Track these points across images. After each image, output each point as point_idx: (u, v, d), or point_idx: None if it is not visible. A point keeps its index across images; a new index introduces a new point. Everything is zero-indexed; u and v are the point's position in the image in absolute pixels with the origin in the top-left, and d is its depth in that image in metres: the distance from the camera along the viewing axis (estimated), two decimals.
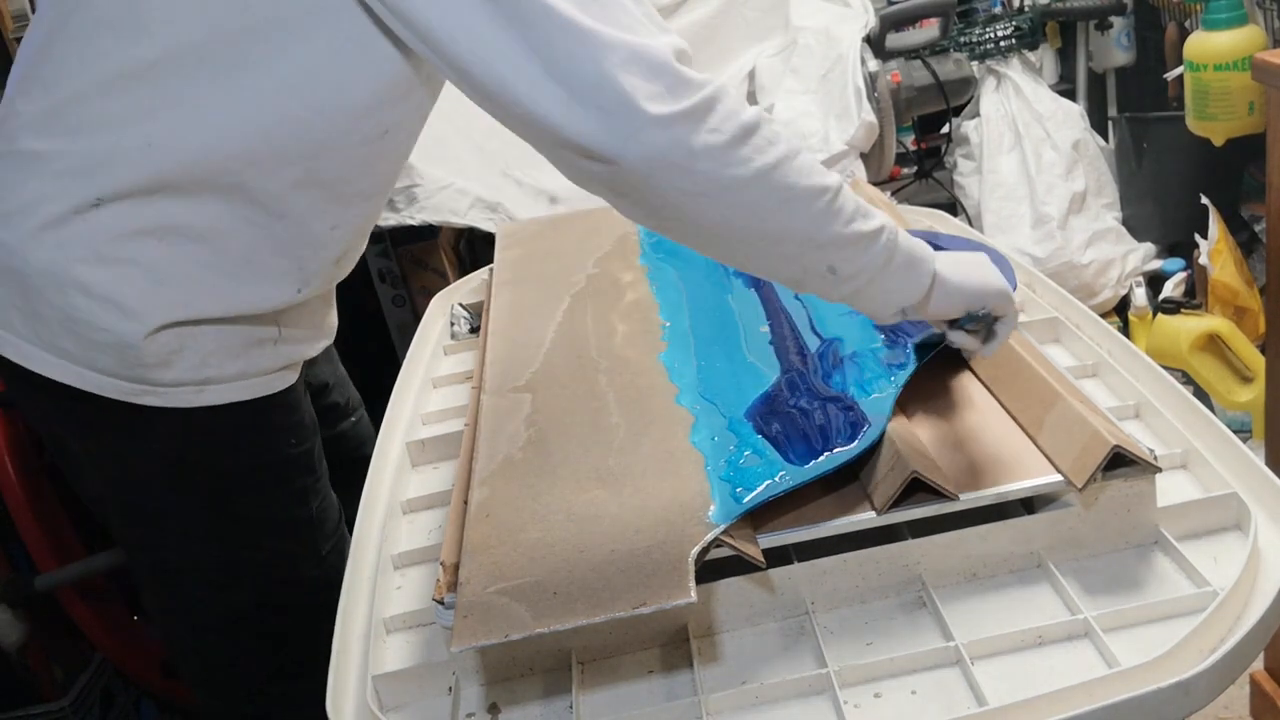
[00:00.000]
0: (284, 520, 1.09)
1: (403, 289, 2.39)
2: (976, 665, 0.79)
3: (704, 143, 0.78)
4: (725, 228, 0.82)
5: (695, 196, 0.80)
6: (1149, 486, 0.87)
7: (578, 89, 0.77)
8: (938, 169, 2.44)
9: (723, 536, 0.81)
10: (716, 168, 0.79)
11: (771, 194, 0.80)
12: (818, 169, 0.83)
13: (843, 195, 0.83)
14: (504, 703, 0.83)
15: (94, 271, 0.93)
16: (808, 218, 0.82)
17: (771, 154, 0.80)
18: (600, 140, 0.77)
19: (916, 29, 2.21)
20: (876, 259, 0.85)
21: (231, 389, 1.01)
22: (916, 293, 0.88)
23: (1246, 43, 1.87)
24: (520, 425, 1.02)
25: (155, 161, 0.91)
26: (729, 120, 0.79)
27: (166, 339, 0.96)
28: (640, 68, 0.77)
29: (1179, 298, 2.10)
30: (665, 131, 0.77)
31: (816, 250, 0.84)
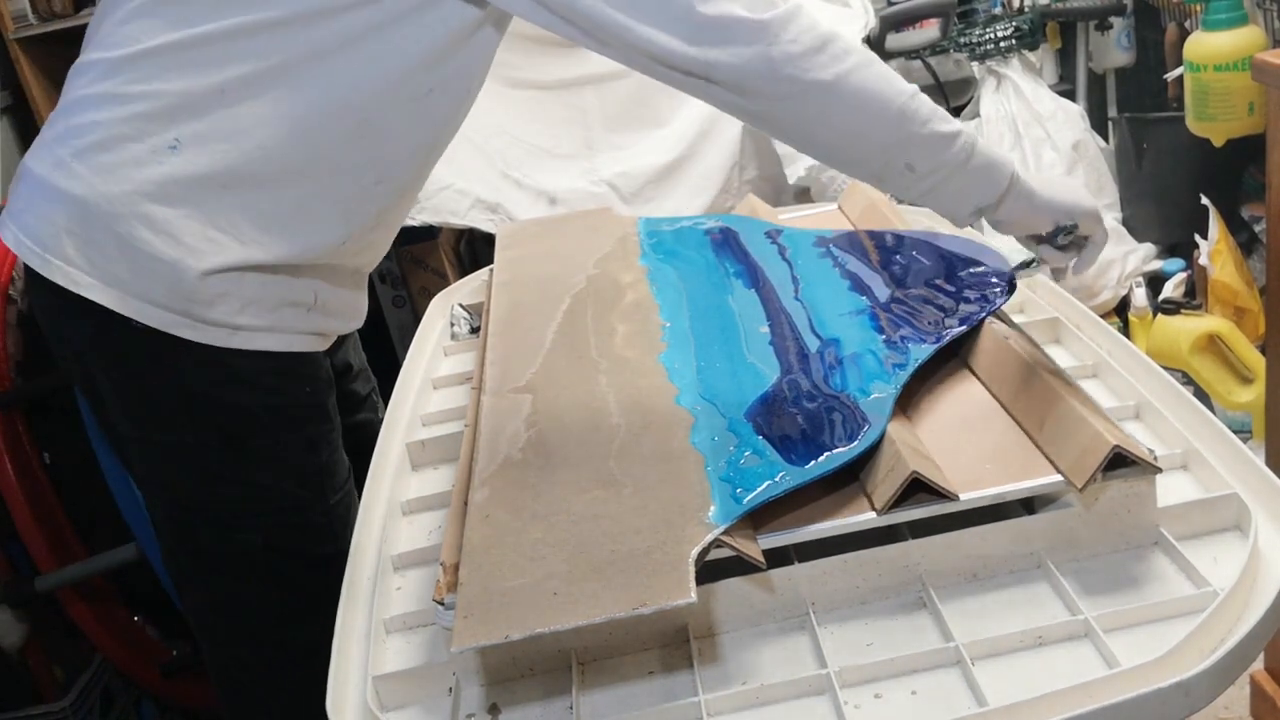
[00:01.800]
0: (294, 464, 1.13)
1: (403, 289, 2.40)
2: (977, 665, 0.79)
3: (784, 52, 0.88)
4: (812, 127, 0.93)
5: (781, 100, 0.91)
6: (1149, 487, 0.87)
7: (668, 13, 0.89)
8: None
9: (723, 537, 0.81)
10: (799, 72, 0.89)
11: (850, 97, 0.91)
12: (894, 77, 0.92)
13: (919, 100, 0.93)
14: (504, 703, 0.83)
15: (163, 210, 0.99)
16: (886, 118, 0.92)
17: (848, 61, 0.90)
18: (693, 56, 0.89)
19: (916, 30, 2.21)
20: (953, 158, 0.94)
21: (261, 337, 1.06)
22: (992, 193, 0.96)
23: (1246, 43, 1.87)
24: (520, 426, 1.02)
25: (228, 108, 0.98)
26: (807, 32, 0.89)
27: (217, 282, 1.01)
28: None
29: (1179, 298, 2.10)
30: (749, 44, 0.88)
31: (896, 148, 0.93)
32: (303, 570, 1.14)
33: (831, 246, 1.32)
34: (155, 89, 0.99)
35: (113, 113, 1.00)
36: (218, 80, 0.98)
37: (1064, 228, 1.00)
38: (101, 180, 1.00)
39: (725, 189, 2.14)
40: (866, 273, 1.22)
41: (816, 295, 1.20)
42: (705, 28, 0.89)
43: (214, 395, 1.07)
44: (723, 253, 1.36)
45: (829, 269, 1.26)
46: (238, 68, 0.98)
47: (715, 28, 0.89)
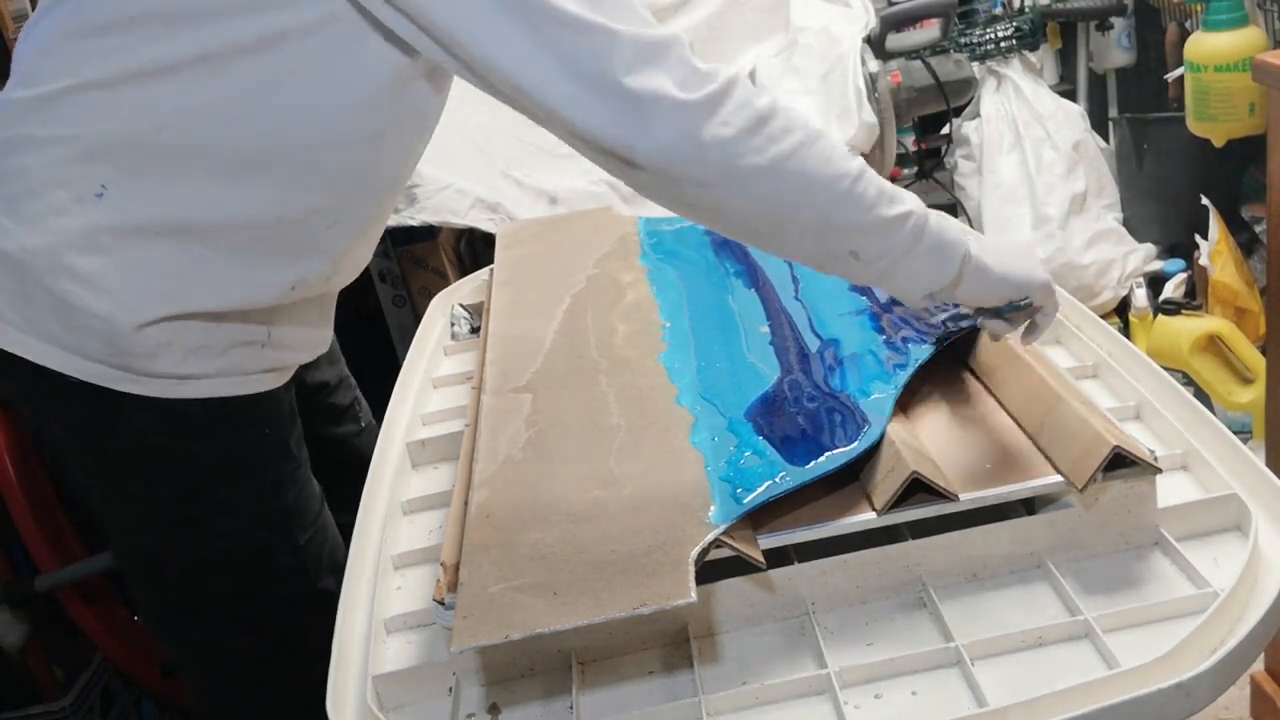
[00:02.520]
0: (257, 510, 1.09)
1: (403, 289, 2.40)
2: (977, 666, 0.79)
3: (714, 135, 0.79)
4: (744, 215, 0.84)
5: (710, 187, 0.82)
6: (1149, 487, 0.87)
7: (588, 84, 0.79)
8: (938, 170, 2.44)
9: (723, 537, 0.81)
10: (728, 159, 0.80)
11: (787, 182, 0.82)
12: (838, 154, 0.83)
13: (864, 180, 0.84)
14: (504, 703, 0.83)
15: (90, 260, 0.94)
16: (827, 204, 0.83)
17: (786, 143, 0.81)
18: (613, 135, 0.80)
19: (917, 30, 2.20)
20: (900, 243, 0.85)
21: (211, 384, 1.02)
22: (944, 278, 0.89)
23: (1247, 44, 1.87)
24: (520, 426, 1.02)
25: (161, 151, 0.92)
26: (741, 111, 0.80)
27: (155, 333, 0.96)
28: (649, 62, 0.78)
29: (1179, 299, 2.10)
30: (674, 126, 0.79)
31: (838, 235, 0.85)
32: (276, 612, 1.11)
33: None
34: (76, 131, 0.92)
35: (34, 158, 0.93)
36: (147, 121, 0.91)
37: (1014, 303, 0.93)
38: (26, 232, 0.94)
39: None
40: None
41: (816, 295, 1.20)
42: (627, 103, 0.79)
43: (167, 447, 1.03)
44: (723, 253, 1.36)
45: None
46: (169, 105, 0.91)
47: (638, 104, 0.79)
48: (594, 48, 0.78)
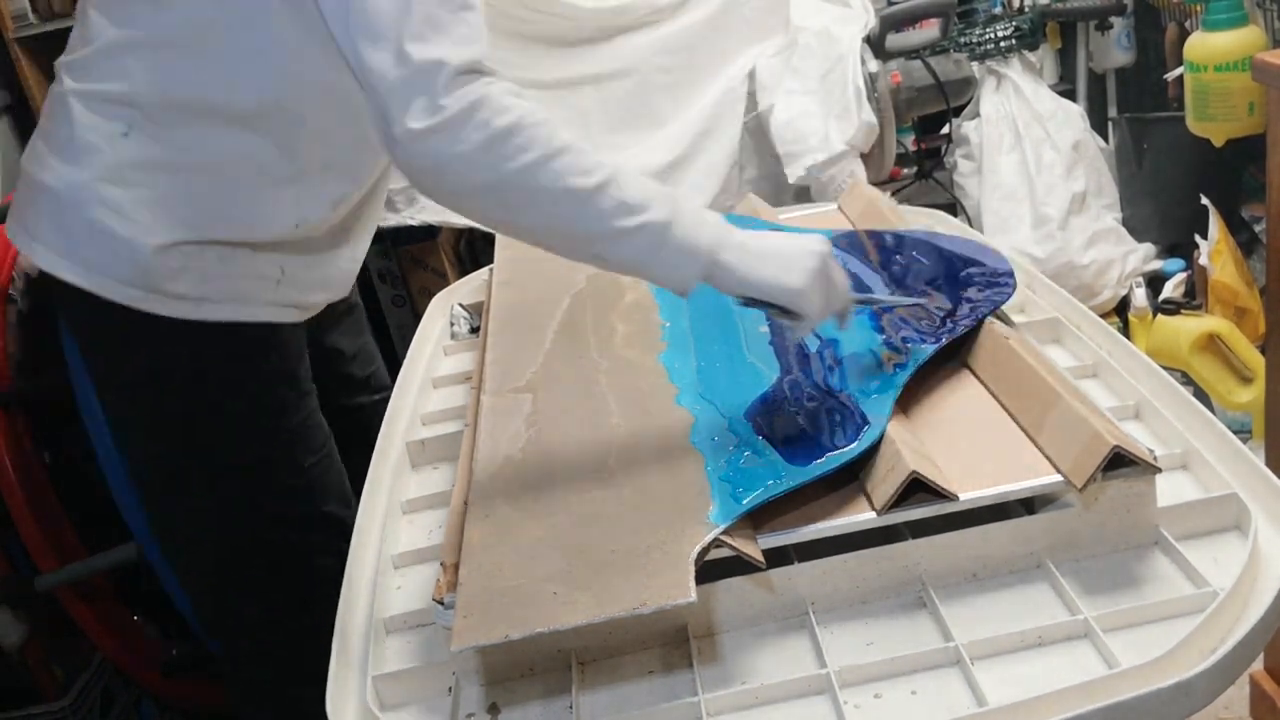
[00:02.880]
0: (260, 427, 1.19)
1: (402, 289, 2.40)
2: (977, 665, 0.79)
3: (450, 153, 0.90)
4: (493, 221, 0.97)
5: (456, 196, 0.94)
6: (1149, 487, 0.87)
7: (370, 92, 0.93)
8: (938, 169, 2.44)
9: (723, 537, 0.81)
10: (465, 172, 0.90)
11: (523, 194, 0.90)
12: (581, 168, 0.90)
13: (603, 194, 0.90)
14: (504, 703, 0.83)
15: (117, 191, 1.07)
16: (561, 216, 0.92)
17: (522, 159, 0.89)
18: (382, 140, 0.93)
19: (916, 29, 2.20)
20: (640, 251, 0.92)
21: (227, 309, 1.13)
22: (690, 279, 0.94)
23: (1246, 43, 1.87)
24: (520, 426, 1.02)
25: (170, 102, 1.06)
26: (478, 131, 0.89)
27: (173, 255, 1.08)
28: (409, 82, 0.90)
29: (1179, 298, 2.10)
30: (418, 143, 0.90)
31: (579, 241, 0.94)
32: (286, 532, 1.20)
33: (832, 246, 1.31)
34: (104, 85, 1.08)
35: (76, 107, 1.09)
36: (154, 79, 1.06)
37: (759, 301, 0.95)
38: (68, 169, 1.09)
39: (725, 189, 2.14)
40: (866, 273, 1.22)
41: None
42: (390, 115, 0.91)
43: (182, 363, 1.14)
44: None
45: None
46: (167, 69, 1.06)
47: (394, 118, 0.91)
48: (377, 60, 0.91)
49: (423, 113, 0.89)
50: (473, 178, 0.91)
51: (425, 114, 0.89)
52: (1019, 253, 2.16)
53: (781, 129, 2.07)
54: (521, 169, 0.89)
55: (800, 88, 2.10)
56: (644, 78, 2.14)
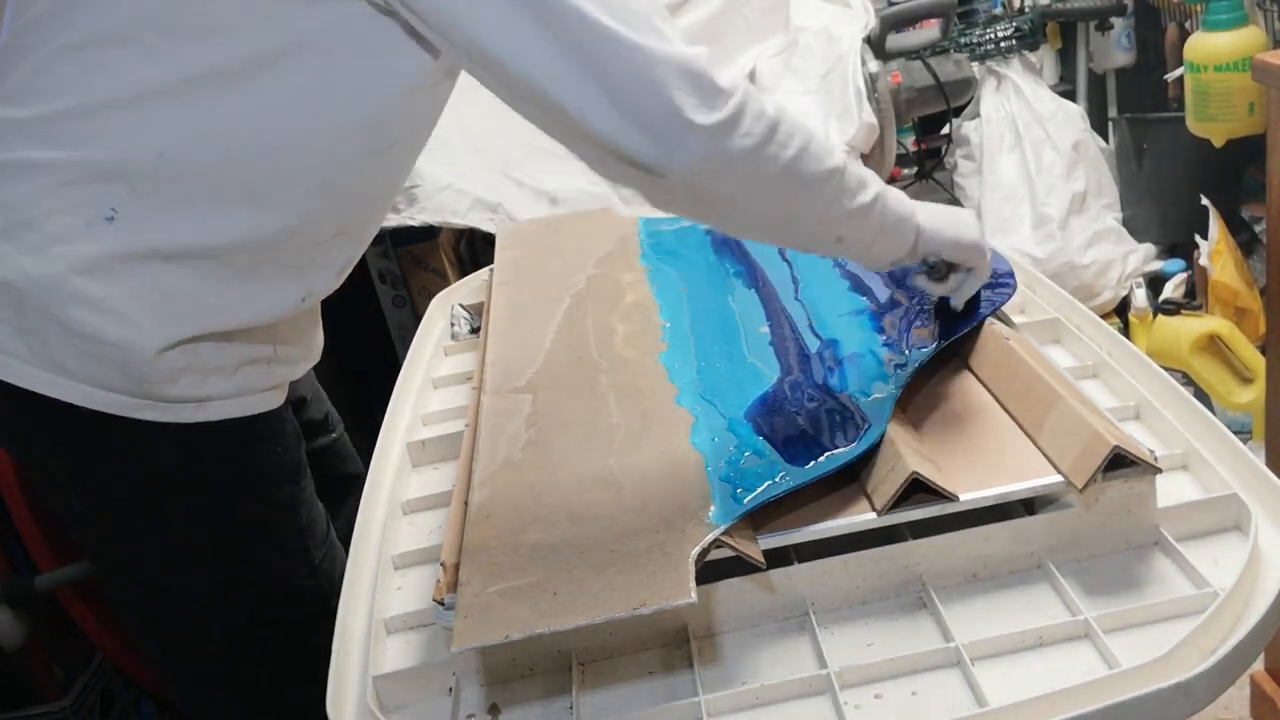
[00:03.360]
0: (275, 531, 1.07)
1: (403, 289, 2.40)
2: (977, 666, 0.79)
3: (740, 147, 0.82)
4: (755, 216, 0.89)
5: (733, 196, 0.86)
6: (1149, 487, 0.87)
7: (623, 100, 0.80)
8: (938, 170, 2.44)
9: (723, 537, 0.81)
10: (753, 168, 0.84)
11: (795, 183, 0.86)
12: (827, 151, 0.88)
13: (848, 172, 0.89)
14: (504, 703, 0.83)
15: (103, 286, 0.91)
16: (824, 200, 0.88)
17: (793, 146, 0.85)
18: (646, 151, 0.81)
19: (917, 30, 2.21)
20: (875, 224, 0.91)
21: (228, 405, 1.00)
22: (905, 246, 0.95)
23: (1247, 44, 1.87)
24: (520, 426, 1.02)
25: (167, 171, 0.89)
26: (758, 122, 0.83)
27: (175, 356, 0.94)
28: (681, 79, 0.80)
29: (1179, 299, 2.10)
30: (707, 141, 0.81)
31: (829, 224, 0.90)
32: (293, 637, 1.08)
33: None
34: (81, 154, 0.89)
35: (33, 183, 0.90)
36: (154, 143, 0.88)
37: (929, 263, 0.99)
38: (30, 261, 0.90)
39: None
40: (866, 273, 1.22)
41: (816, 295, 1.20)
42: (660, 121, 0.80)
43: (181, 473, 1.00)
44: (723, 253, 1.36)
45: (829, 269, 1.26)
46: (177, 128, 0.88)
47: (671, 122, 0.80)
48: (628, 64, 0.79)
49: (702, 107, 0.80)
50: (760, 172, 0.84)
51: (706, 108, 0.81)
52: (1019, 253, 2.16)
53: None
54: (795, 157, 0.85)
55: (800, 88, 2.10)
56: None
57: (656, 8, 0.83)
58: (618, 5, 0.80)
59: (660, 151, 0.81)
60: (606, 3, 0.79)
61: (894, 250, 0.95)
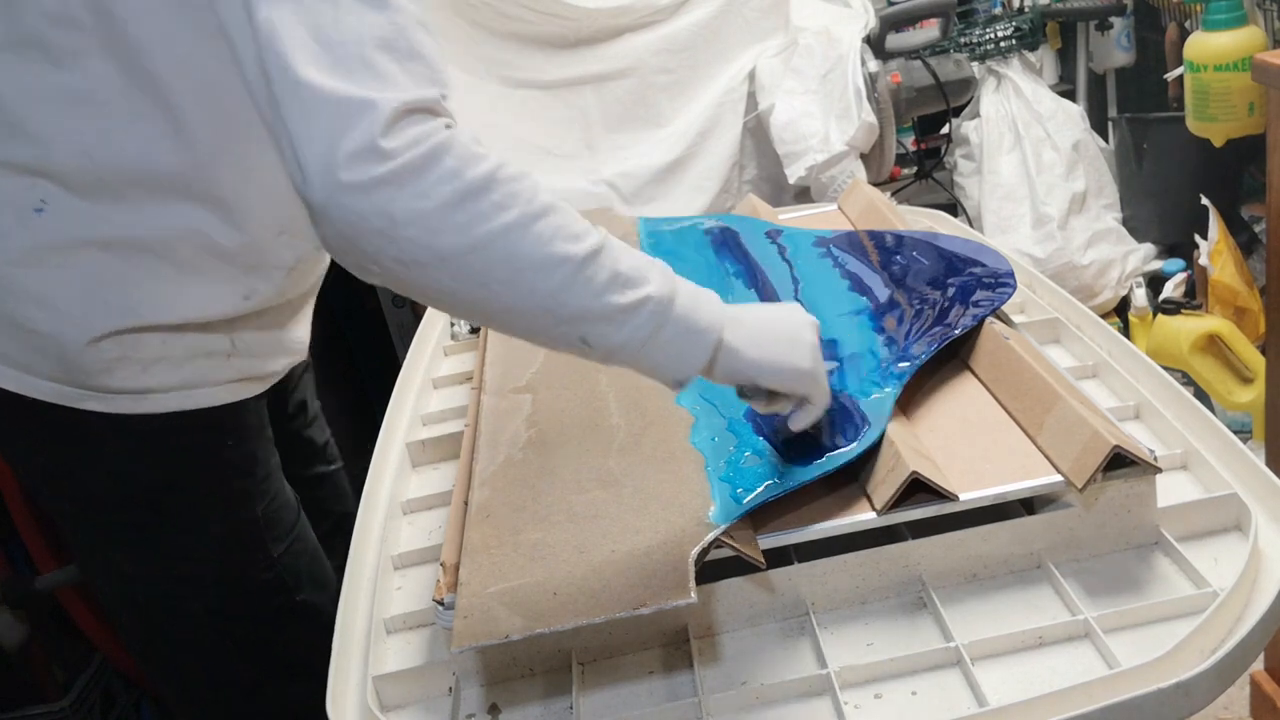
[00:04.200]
0: (225, 525, 1.05)
1: None
2: (977, 666, 0.79)
3: (409, 209, 0.71)
4: (452, 297, 0.76)
5: (408, 265, 0.73)
6: (1149, 487, 0.87)
7: (292, 140, 0.72)
8: (938, 169, 2.44)
9: (723, 537, 0.81)
10: (424, 235, 0.72)
11: (497, 264, 0.73)
12: (567, 234, 0.75)
13: (596, 263, 0.76)
14: (504, 703, 0.83)
15: (36, 276, 0.92)
16: (546, 290, 0.75)
17: (499, 220, 0.73)
18: (307, 196, 0.72)
19: (917, 30, 2.21)
20: (638, 332, 0.78)
21: (173, 398, 0.98)
22: (694, 365, 0.81)
23: (1246, 43, 1.87)
24: (520, 426, 1.02)
25: (94, 172, 0.89)
26: (446, 183, 0.71)
27: (108, 346, 0.94)
28: (346, 126, 0.70)
29: (1179, 298, 2.10)
30: (363, 196, 0.70)
31: (564, 323, 0.77)
32: (261, 632, 1.07)
33: (831, 246, 1.32)
34: (8, 153, 0.89)
35: None
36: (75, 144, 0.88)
37: (744, 390, 0.86)
38: None
39: (725, 189, 2.14)
40: (866, 273, 1.22)
41: (816, 295, 1.20)
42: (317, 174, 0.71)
43: (128, 465, 1.00)
44: (723, 253, 1.36)
45: (829, 269, 1.26)
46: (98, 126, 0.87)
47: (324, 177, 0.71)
48: (296, 104, 0.71)
49: (358, 159, 0.70)
50: (435, 242, 0.72)
51: (363, 161, 0.70)
52: (1019, 253, 2.16)
53: (781, 129, 2.07)
54: (500, 231, 0.72)
55: (800, 88, 2.10)
56: (644, 78, 2.14)
57: (388, 36, 0.73)
58: (328, 34, 0.72)
59: (316, 201, 0.71)
60: (317, 30, 0.72)
61: (677, 368, 0.81)
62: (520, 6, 2.03)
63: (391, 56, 0.73)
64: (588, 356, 0.80)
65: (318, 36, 0.72)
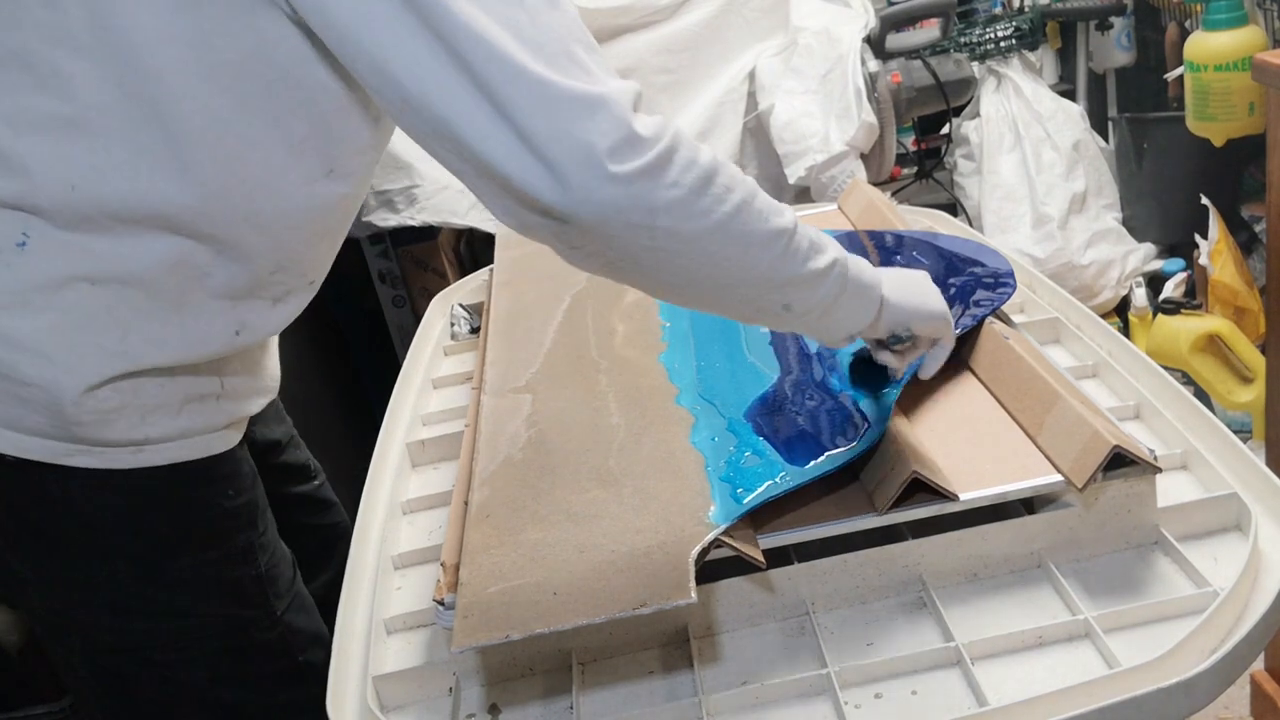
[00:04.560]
0: (230, 583, 0.98)
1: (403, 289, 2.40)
2: (977, 666, 0.79)
3: (664, 198, 0.74)
4: (684, 277, 0.79)
5: (654, 251, 0.76)
6: (1149, 487, 0.87)
7: (530, 139, 0.71)
8: (938, 169, 2.44)
9: (723, 537, 0.81)
10: (677, 222, 0.75)
11: (731, 243, 0.77)
12: (773, 209, 0.80)
13: (798, 234, 0.81)
14: (504, 703, 0.83)
15: (20, 321, 0.84)
16: (767, 262, 0.80)
17: (730, 201, 0.76)
18: (552, 195, 0.72)
19: (917, 29, 2.21)
20: (830, 292, 0.84)
21: (172, 449, 0.92)
22: (866, 319, 0.88)
23: (1247, 43, 1.87)
24: (520, 426, 1.02)
25: (80, 204, 0.82)
26: (688, 171, 0.74)
27: (105, 395, 0.87)
28: (596, 120, 0.71)
29: (1179, 298, 2.10)
30: (624, 189, 0.72)
31: (775, 291, 0.82)
32: (260, 696, 1.01)
33: None
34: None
35: None
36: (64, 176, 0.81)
37: (898, 336, 0.93)
38: None
39: None
40: None
41: None
42: (571, 164, 0.71)
43: (125, 523, 0.92)
44: None
45: None
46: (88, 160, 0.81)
47: (584, 175, 0.71)
48: (537, 101, 0.71)
49: (619, 152, 0.71)
50: (685, 227, 0.75)
51: (624, 154, 0.71)
52: (1019, 253, 2.16)
53: (781, 129, 2.07)
54: (731, 213, 0.76)
55: (800, 88, 2.10)
56: (644, 78, 2.14)
57: (579, 34, 0.75)
58: (531, 34, 0.72)
59: (570, 198, 0.72)
60: (519, 30, 0.72)
61: (853, 322, 0.88)
62: None
63: (585, 50, 0.74)
64: (780, 321, 0.85)
65: (523, 37, 0.72)
